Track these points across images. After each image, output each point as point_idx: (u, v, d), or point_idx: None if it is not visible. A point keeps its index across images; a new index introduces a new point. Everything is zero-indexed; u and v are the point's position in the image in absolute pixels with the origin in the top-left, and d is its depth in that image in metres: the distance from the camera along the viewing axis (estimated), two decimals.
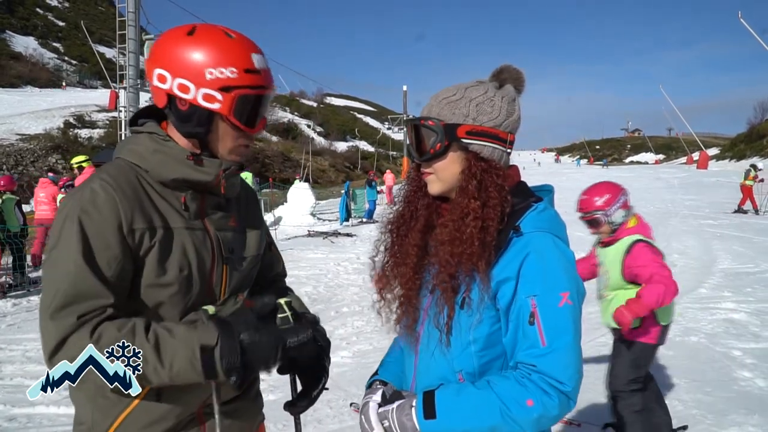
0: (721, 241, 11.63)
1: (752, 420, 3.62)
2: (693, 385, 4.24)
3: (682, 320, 5.96)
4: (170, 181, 1.26)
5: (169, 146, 1.27)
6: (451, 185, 1.26)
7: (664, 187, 28.67)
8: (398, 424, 1.19)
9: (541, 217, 1.22)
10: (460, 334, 1.20)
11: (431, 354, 1.26)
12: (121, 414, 1.23)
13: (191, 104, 1.22)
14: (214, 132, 1.26)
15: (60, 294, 1.12)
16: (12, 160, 26.76)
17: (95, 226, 1.15)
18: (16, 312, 6.97)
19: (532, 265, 1.15)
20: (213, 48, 1.21)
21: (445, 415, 1.14)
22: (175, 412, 1.26)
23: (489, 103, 1.24)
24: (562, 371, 1.11)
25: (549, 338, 1.12)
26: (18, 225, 8.54)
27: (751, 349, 5.01)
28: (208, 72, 1.20)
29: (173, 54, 1.22)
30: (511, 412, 1.10)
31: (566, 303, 1.14)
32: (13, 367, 4.86)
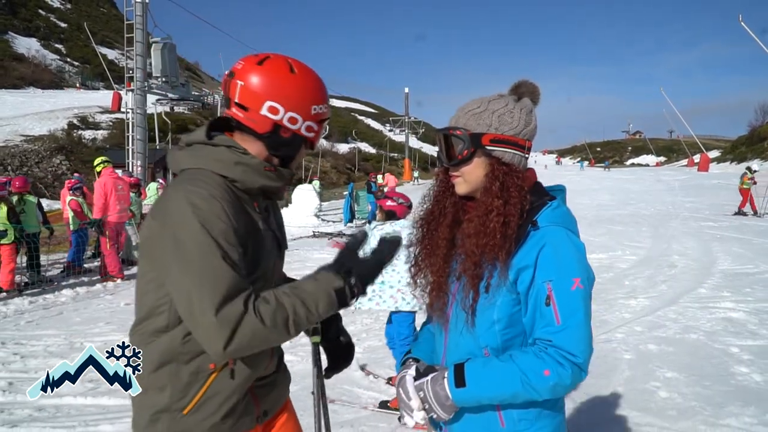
0: (720, 242, 11.80)
1: (748, 411, 3.79)
2: (692, 379, 4.41)
3: (682, 319, 6.14)
4: (256, 189, 1.44)
5: (248, 159, 1.42)
6: (476, 186, 1.43)
7: (664, 190, 28.84)
8: (432, 393, 1.36)
9: (556, 213, 1.40)
10: (484, 315, 1.38)
11: (459, 332, 1.43)
12: (199, 391, 1.40)
13: (294, 133, 1.44)
14: (299, 153, 1.52)
15: (209, 293, 1.22)
16: (17, 161, 26.90)
17: (220, 230, 1.27)
18: (34, 309, 7.15)
19: (547, 255, 1.32)
20: (313, 87, 1.46)
21: (474, 384, 1.32)
22: (241, 387, 1.45)
23: (509, 114, 1.42)
24: (575, 345, 1.29)
25: (563, 317, 1.29)
26: (37, 225, 8.72)
27: (748, 346, 5.18)
28: (313, 108, 1.44)
29: (284, 90, 1.40)
30: (530, 381, 1.28)
31: (578, 287, 1.31)
32: (36, 361, 5.04)
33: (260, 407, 1.53)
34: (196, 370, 1.39)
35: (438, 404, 1.36)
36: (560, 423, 1.44)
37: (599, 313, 6.45)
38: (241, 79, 1.41)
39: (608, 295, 7.31)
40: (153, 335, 1.40)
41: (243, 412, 1.47)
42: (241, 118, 1.43)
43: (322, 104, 1.47)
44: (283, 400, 1.67)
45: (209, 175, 1.38)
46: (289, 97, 1.40)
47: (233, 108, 1.44)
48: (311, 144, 1.51)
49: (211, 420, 1.41)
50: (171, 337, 1.38)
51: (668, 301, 6.97)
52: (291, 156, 1.50)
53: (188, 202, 1.28)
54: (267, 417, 1.57)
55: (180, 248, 1.26)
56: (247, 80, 1.40)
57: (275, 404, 1.61)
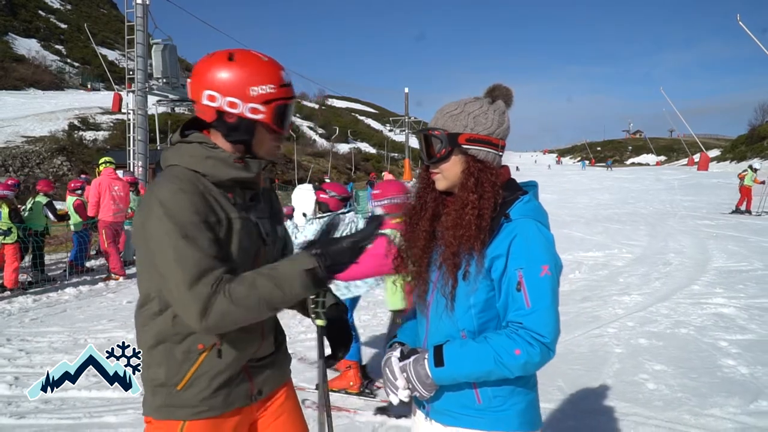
0: (716, 240, 11.90)
1: (733, 402, 3.91)
2: (679, 371, 4.53)
3: (674, 314, 6.26)
4: (225, 181, 1.54)
5: (217, 152, 1.53)
6: (454, 182, 1.56)
7: (663, 189, 28.94)
8: (414, 373, 1.49)
9: (527, 206, 1.52)
10: (462, 300, 1.50)
11: (439, 317, 1.56)
12: (190, 368, 1.53)
13: (239, 117, 1.51)
14: (256, 138, 1.55)
15: (183, 274, 1.36)
16: (18, 162, 27.03)
17: (186, 219, 1.40)
18: (38, 307, 7.28)
19: (518, 244, 1.44)
20: (253, 69, 1.50)
21: (451, 363, 1.45)
22: (231, 366, 1.56)
23: (484, 116, 1.54)
24: (543, 327, 1.41)
25: (533, 301, 1.41)
26: (42, 225, 8.85)
27: (737, 340, 5.29)
28: (251, 89, 1.50)
29: (220, 77, 1.49)
30: (502, 360, 1.41)
31: (546, 274, 1.43)
32: (41, 357, 5.17)
33: (255, 386, 1.63)
34: (188, 350, 1.52)
35: (420, 383, 1.48)
36: (532, 401, 1.56)
37: (593, 309, 6.58)
38: (190, 76, 1.55)
39: (602, 292, 7.43)
40: (150, 318, 1.54)
41: (236, 389, 1.58)
42: (196, 113, 1.57)
43: (264, 85, 1.49)
44: (280, 381, 1.76)
45: (182, 170, 1.50)
46: (225, 83, 1.48)
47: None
48: (270, 127, 1.53)
49: (202, 394, 1.53)
50: (164, 319, 1.52)
51: (661, 297, 7.09)
52: (247, 141, 1.54)
53: (156, 198, 1.42)
54: (262, 396, 1.67)
55: (151, 238, 1.41)
56: (192, 76, 1.55)
57: (272, 384, 1.71)
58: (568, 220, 16.05)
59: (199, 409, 1.53)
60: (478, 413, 1.50)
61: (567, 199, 23.55)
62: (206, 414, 1.53)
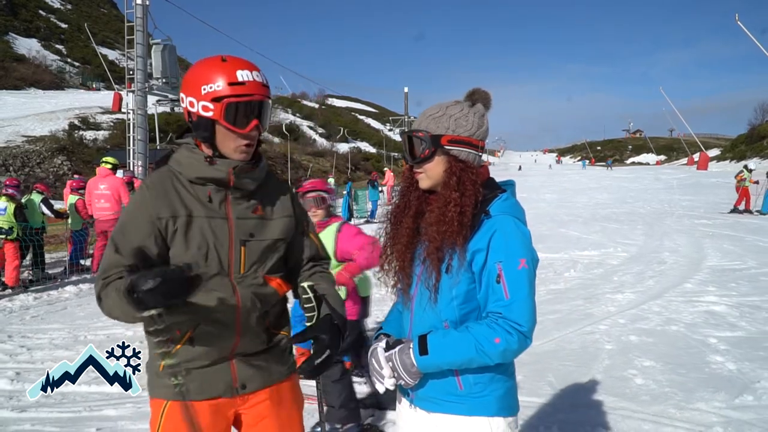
0: (712, 239, 11.98)
1: (719, 397, 3.99)
2: (668, 367, 4.62)
3: (665, 312, 6.34)
4: (195, 179, 1.65)
5: (195, 152, 1.66)
6: (437, 181, 1.64)
7: (662, 188, 29.02)
8: (400, 361, 1.58)
9: (505, 204, 1.61)
10: (445, 292, 1.59)
11: (423, 309, 1.64)
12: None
13: (197, 115, 1.61)
14: (217, 136, 1.63)
15: (105, 262, 1.62)
16: (18, 162, 27.12)
17: (131, 214, 1.64)
18: (38, 305, 7.38)
19: (498, 239, 1.53)
20: (206, 69, 1.60)
21: (435, 352, 1.53)
22: (206, 356, 1.67)
23: (464, 118, 1.63)
24: (521, 316, 1.50)
25: (511, 292, 1.50)
26: (39, 222, 8.96)
27: (726, 337, 5.38)
28: (202, 88, 1.58)
29: (186, 79, 1.64)
30: (483, 347, 1.50)
31: (523, 267, 1.52)
32: (42, 353, 5.25)
33: (238, 379, 1.70)
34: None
35: (405, 371, 1.57)
36: (511, 387, 1.65)
37: (585, 307, 6.66)
38: None
39: (596, 290, 7.51)
40: None
41: (212, 378, 1.68)
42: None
43: (213, 83, 1.56)
44: (270, 381, 1.78)
45: (162, 170, 1.69)
46: (188, 85, 1.62)
47: None
48: (222, 124, 1.58)
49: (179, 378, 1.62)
50: None
51: (654, 295, 7.17)
52: (208, 138, 1.62)
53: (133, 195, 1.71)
54: (246, 390, 1.72)
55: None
56: None
57: (258, 382, 1.74)
58: (566, 219, 16.13)
59: (175, 390, 1.60)
60: (459, 399, 1.59)
61: (566, 199, 23.63)
62: (181, 396, 1.61)
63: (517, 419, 1.67)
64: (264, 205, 1.76)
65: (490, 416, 1.58)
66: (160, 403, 1.68)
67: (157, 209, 1.60)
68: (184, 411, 1.61)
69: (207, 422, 1.67)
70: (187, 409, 1.62)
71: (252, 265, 1.70)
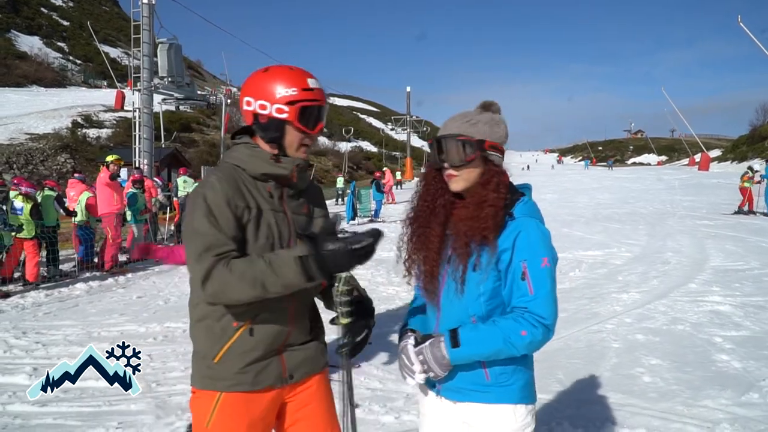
0: (714, 240, 12.05)
1: (725, 394, 4.07)
2: (674, 365, 4.70)
3: (671, 311, 6.42)
4: (259, 175, 1.76)
5: (257, 151, 1.78)
6: (471, 183, 1.73)
7: (664, 189, 29.09)
8: (431, 355, 1.67)
9: (527, 206, 1.72)
10: (472, 289, 1.68)
11: (451, 304, 1.73)
12: (225, 344, 1.72)
13: (269, 117, 1.74)
14: (286, 136, 1.77)
15: (197, 245, 1.61)
16: (22, 159, 27.18)
17: (214, 201, 1.66)
18: (50, 302, 7.46)
19: (522, 240, 1.64)
20: (280, 77, 1.74)
21: (466, 344, 1.63)
22: (262, 345, 1.74)
23: (496, 126, 1.75)
24: (544, 310, 1.61)
25: (535, 289, 1.62)
26: (54, 219, 9.06)
27: (731, 337, 5.46)
28: (278, 93, 1.72)
29: (254, 85, 1.76)
30: (511, 340, 1.60)
31: (546, 265, 1.63)
32: (57, 349, 5.34)
33: (287, 369, 1.80)
34: (225, 327, 1.72)
35: (436, 364, 1.66)
36: (531, 378, 1.77)
37: (591, 306, 6.74)
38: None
39: (601, 290, 7.59)
40: (198, 297, 1.74)
41: (267, 369, 1.75)
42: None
43: (289, 88, 1.70)
44: (314, 370, 1.89)
45: (227, 165, 1.78)
46: (257, 90, 1.74)
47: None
48: (295, 126, 1.72)
49: (234, 369, 1.72)
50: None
51: (659, 295, 7.25)
52: (278, 139, 1.75)
53: (201, 185, 1.74)
54: (293, 380, 1.82)
55: (187, 215, 1.70)
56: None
57: (304, 371, 1.85)
58: (569, 219, 16.20)
59: (232, 382, 1.71)
60: (486, 388, 1.69)
61: (567, 199, 23.70)
62: (238, 388, 1.71)
63: (535, 407, 1.78)
64: (309, 204, 1.90)
65: (514, 404, 1.69)
66: (212, 395, 1.73)
67: (234, 198, 1.68)
68: (240, 402, 1.70)
69: (260, 412, 1.76)
70: (242, 400, 1.70)
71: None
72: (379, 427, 3.68)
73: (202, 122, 39.50)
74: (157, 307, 7.17)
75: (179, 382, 4.47)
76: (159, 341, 5.67)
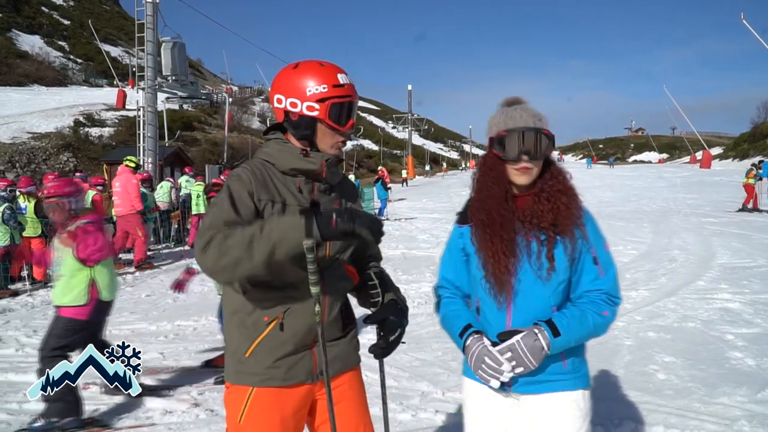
0: (720, 237, 12.05)
1: (740, 391, 4.07)
2: (688, 363, 4.70)
3: (681, 309, 6.42)
4: (288, 170, 1.76)
5: (287, 146, 1.78)
6: (536, 176, 1.78)
7: (666, 186, 29.05)
8: (528, 348, 1.66)
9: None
10: (553, 279, 1.74)
11: (527, 300, 1.74)
12: (257, 338, 1.72)
13: (299, 115, 1.73)
14: (318, 134, 1.76)
15: (207, 225, 1.62)
16: (25, 158, 27.19)
17: (237, 194, 1.68)
18: None
19: (589, 227, 1.79)
20: (310, 73, 1.73)
21: (566, 332, 1.69)
22: (293, 340, 1.74)
23: (547, 121, 1.81)
24: (615, 290, 1.78)
25: (605, 271, 1.77)
26: None
27: (743, 334, 5.45)
28: (308, 90, 1.71)
29: (284, 82, 1.76)
30: (597, 321, 1.73)
31: (607, 249, 1.81)
32: None
33: (318, 365, 1.79)
34: (256, 321, 1.72)
35: (532, 357, 1.66)
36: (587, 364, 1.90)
37: None
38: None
39: None
40: (231, 291, 1.77)
41: (298, 365, 1.75)
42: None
43: (319, 86, 1.70)
44: (345, 367, 1.88)
45: (257, 160, 1.79)
46: (288, 87, 1.73)
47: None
48: (326, 123, 1.71)
49: (265, 363, 1.72)
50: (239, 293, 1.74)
51: (668, 292, 7.25)
52: (309, 136, 1.75)
53: (228, 177, 1.77)
54: (324, 376, 1.79)
55: (213, 203, 1.73)
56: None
57: (335, 367, 1.83)
58: None
59: (263, 377, 1.71)
60: (564, 377, 1.77)
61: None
62: (270, 383, 1.71)
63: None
64: (341, 199, 1.89)
65: (584, 389, 1.81)
66: (244, 390, 1.73)
67: (258, 191, 1.69)
68: (272, 397, 1.70)
69: (291, 408, 1.76)
70: (274, 396, 1.70)
71: (335, 251, 1.81)
72: (396, 425, 3.68)
73: (203, 121, 39.43)
74: (166, 306, 7.18)
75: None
76: (170, 339, 5.68)
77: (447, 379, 4.46)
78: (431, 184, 40.01)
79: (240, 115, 42.03)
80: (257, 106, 52.89)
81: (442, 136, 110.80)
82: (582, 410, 1.79)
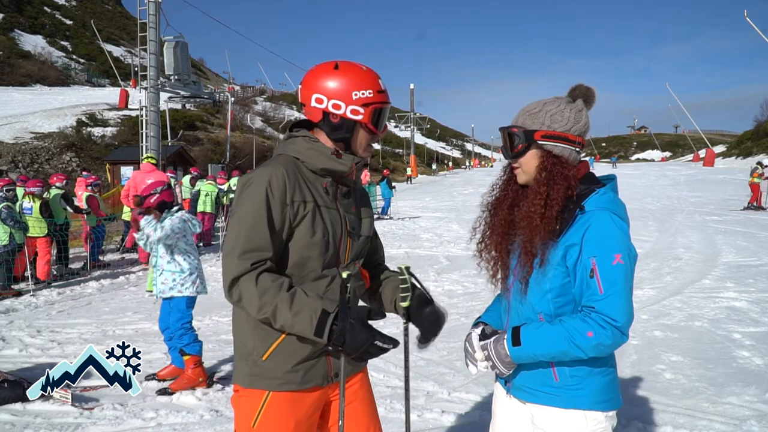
0: (725, 236, 12.00)
1: (749, 391, 4.04)
2: (696, 362, 4.66)
3: (687, 308, 6.38)
4: (319, 170, 1.73)
5: (318, 145, 1.74)
6: (532, 175, 1.68)
7: (669, 185, 28.97)
8: (495, 351, 1.64)
9: (602, 198, 1.63)
10: (536, 286, 1.63)
11: (518, 301, 1.69)
12: (275, 342, 1.69)
13: (342, 117, 1.70)
14: (356, 136, 1.74)
15: (241, 241, 1.59)
16: (28, 158, 27.22)
17: (273, 199, 1.62)
18: (63, 300, 7.46)
19: (591, 234, 1.55)
20: (355, 77, 1.71)
21: (527, 343, 1.58)
22: (310, 344, 1.71)
23: (560, 114, 1.66)
24: (615, 311, 1.51)
25: (605, 287, 1.52)
26: (64, 218, 9.05)
27: (750, 333, 5.42)
28: (354, 94, 1.69)
29: (326, 82, 1.71)
30: (575, 341, 1.52)
31: (619, 262, 1.52)
32: (74, 347, 5.30)
33: (332, 368, 1.77)
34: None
35: (499, 360, 1.63)
36: (609, 381, 1.65)
37: None
38: (301, 83, 1.76)
39: None
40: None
41: (314, 368, 1.73)
42: (305, 114, 1.78)
43: (365, 90, 1.69)
44: (357, 369, 1.88)
45: (287, 157, 1.74)
46: (331, 88, 1.69)
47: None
48: (368, 127, 1.72)
49: (283, 368, 1.69)
50: None
51: (673, 291, 7.21)
52: (347, 139, 1.73)
53: (259, 174, 1.66)
54: (338, 379, 1.79)
55: (238, 201, 1.66)
56: (302, 83, 1.76)
57: (348, 370, 1.80)
58: None
59: (281, 381, 1.68)
60: (554, 391, 1.63)
61: None
62: (287, 387, 1.69)
63: (616, 413, 1.68)
64: (357, 204, 1.87)
65: (585, 410, 1.61)
66: (260, 394, 1.70)
67: (291, 193, 1.65)
68: (288, 401, 1.68)
69: (305, 412, 1.73)
70: (290, 400, 1.68)
71: (353, 256, 1.80)
72: (401, 424, 3.66)
73: (206, 120, 39.45)
74: None
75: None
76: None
77: (452, 378, 4.43)
78: (434, 183, 39.94)
79: (242, 115, 41.99)
80: (259, 106, 52.86)
81: (445, 135, 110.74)
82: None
